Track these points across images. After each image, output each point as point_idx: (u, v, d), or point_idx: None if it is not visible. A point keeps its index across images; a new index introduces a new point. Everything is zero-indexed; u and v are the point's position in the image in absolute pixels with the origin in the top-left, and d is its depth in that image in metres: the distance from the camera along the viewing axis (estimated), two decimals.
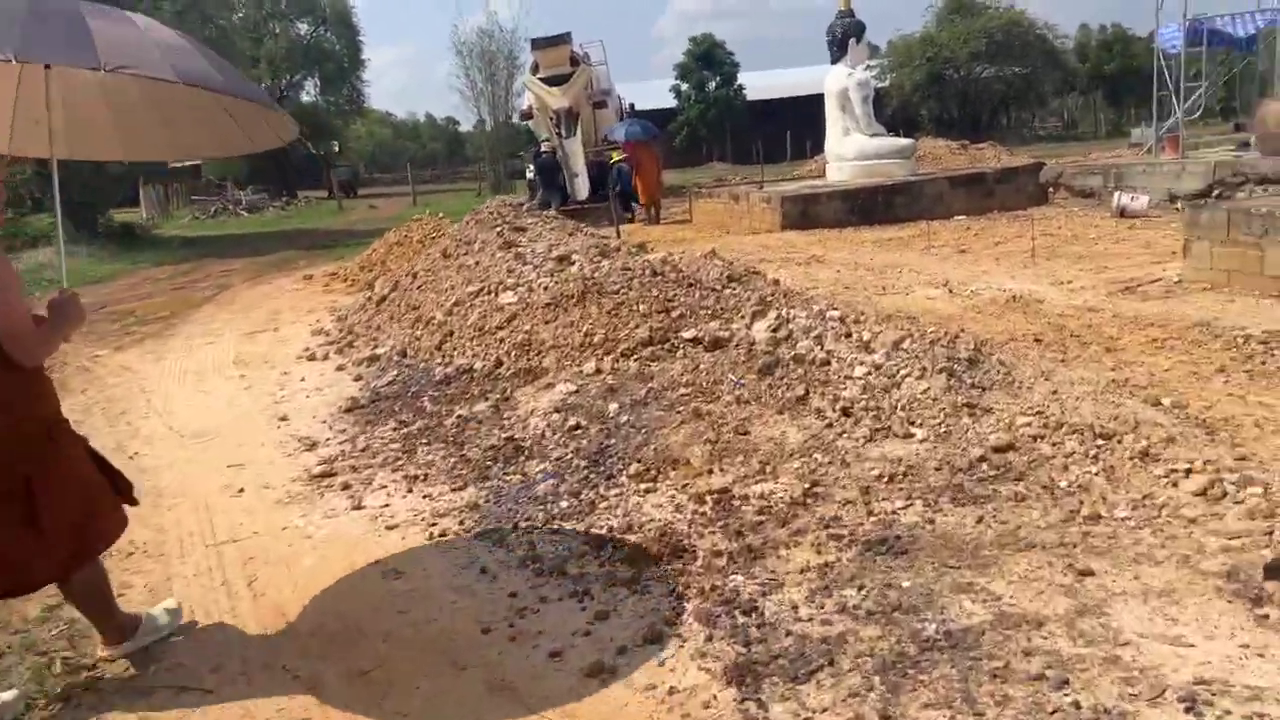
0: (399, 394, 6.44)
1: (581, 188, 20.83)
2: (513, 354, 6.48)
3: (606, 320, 6.37)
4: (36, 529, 2.84)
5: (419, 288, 8.77)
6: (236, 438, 5.96)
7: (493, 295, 7.50)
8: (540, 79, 22.87)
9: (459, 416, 5.61)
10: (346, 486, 4.75)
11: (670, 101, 47.21)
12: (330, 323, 9.85)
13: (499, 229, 9.31)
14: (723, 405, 5.01)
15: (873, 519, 3.61)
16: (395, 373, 7.03)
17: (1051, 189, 16.09)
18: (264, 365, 8.27)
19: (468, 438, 5.27)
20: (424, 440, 5.35)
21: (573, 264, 7.70)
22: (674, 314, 6.35)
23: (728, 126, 45.78)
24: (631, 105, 33.86)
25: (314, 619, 3.47)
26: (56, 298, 3.02)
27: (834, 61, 16.50)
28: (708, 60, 45.84)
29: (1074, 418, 4.17)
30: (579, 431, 5.02)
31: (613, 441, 4.79)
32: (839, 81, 16.20)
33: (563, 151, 22.38)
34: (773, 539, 3.58)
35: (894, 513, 3.63)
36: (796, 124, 37.36)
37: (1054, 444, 3.99)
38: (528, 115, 25.11)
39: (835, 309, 6.08)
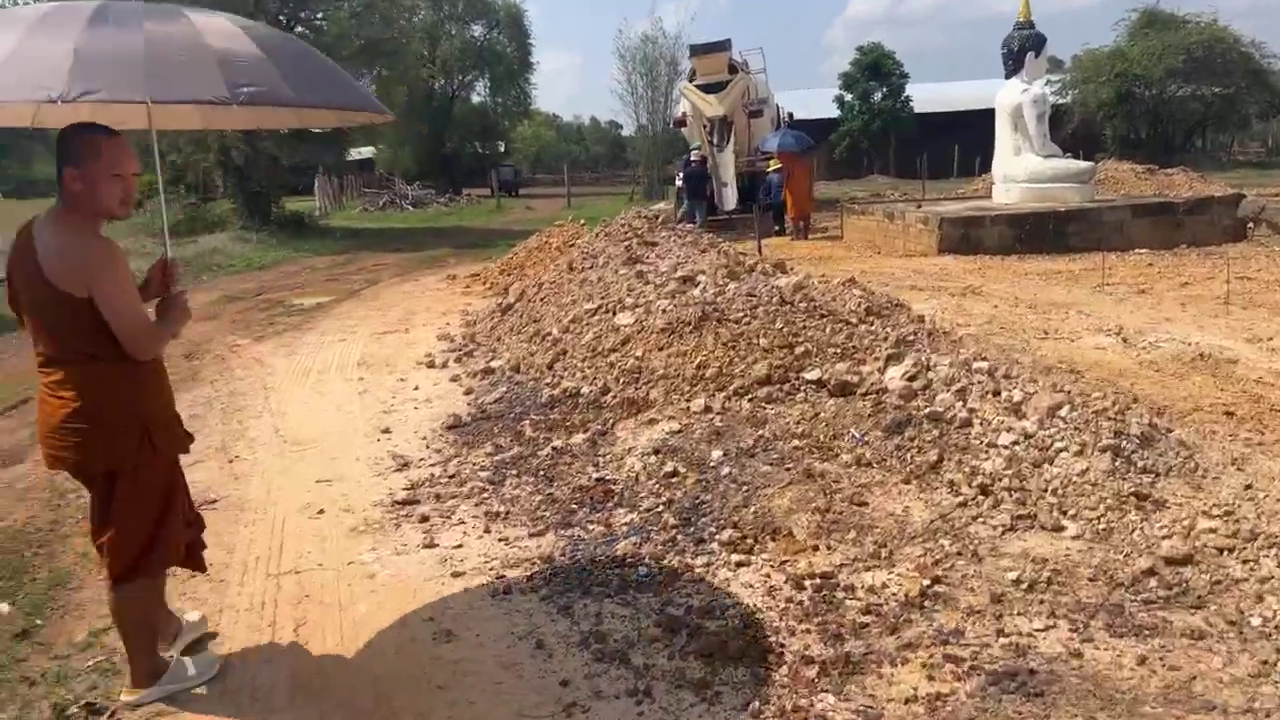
0: (503, 414, 6.13)
1: (729, 198, 20.32)
2: (620, 381, 6.05)
3: (723, 352, 5.85)
4: (105, 525, 2.89)
5: (542, 299, 8.49)
6: (335, 448, 5.77)
7: (610, 315, 7.11)
8: (697, 86, 22.51)
9: (554, 448, 5.21)
10: (425, 519, 4.43)
11: (833, 111, 45.92)
12: (458, 328, 9.73)
13: (627, 243, 8.92)
14: (840, 465, 4.41)
15: (1003, 640, 2.96)
16: (504, 389, 6.74)
17: (1251, 224, 14.41)
18: (385, 369, 8.16)
19: (559, 473, 4.87)
20: (514, 471, 4.98)
21: (696, 286, 7.22)
22: (798, 350, 5.76)
23: (892, 139, 44.10)
24: (790, 115, 33.06)
25: (348, 684, 3.13)
26: (167, 298, 3.06)
27: (1009, 75, 15.34)
28: (875, 70, 44.23)
29: (1274, 526, 3.37)
30: (675, 480, 4.53)
31: (709, 497, 4.27)
32: (1012, 97, 15.04)
33: (713, 160, 21.95)
34: (877, 650, 2.98)
35: (1031, 635, 2.97)
36: (966, 140, 35.50)
37: (1246, 562, 3.22)
38: (681, 123, 24.80)
39: (984, 358, 5.35)
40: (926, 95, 45.32)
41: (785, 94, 52.39)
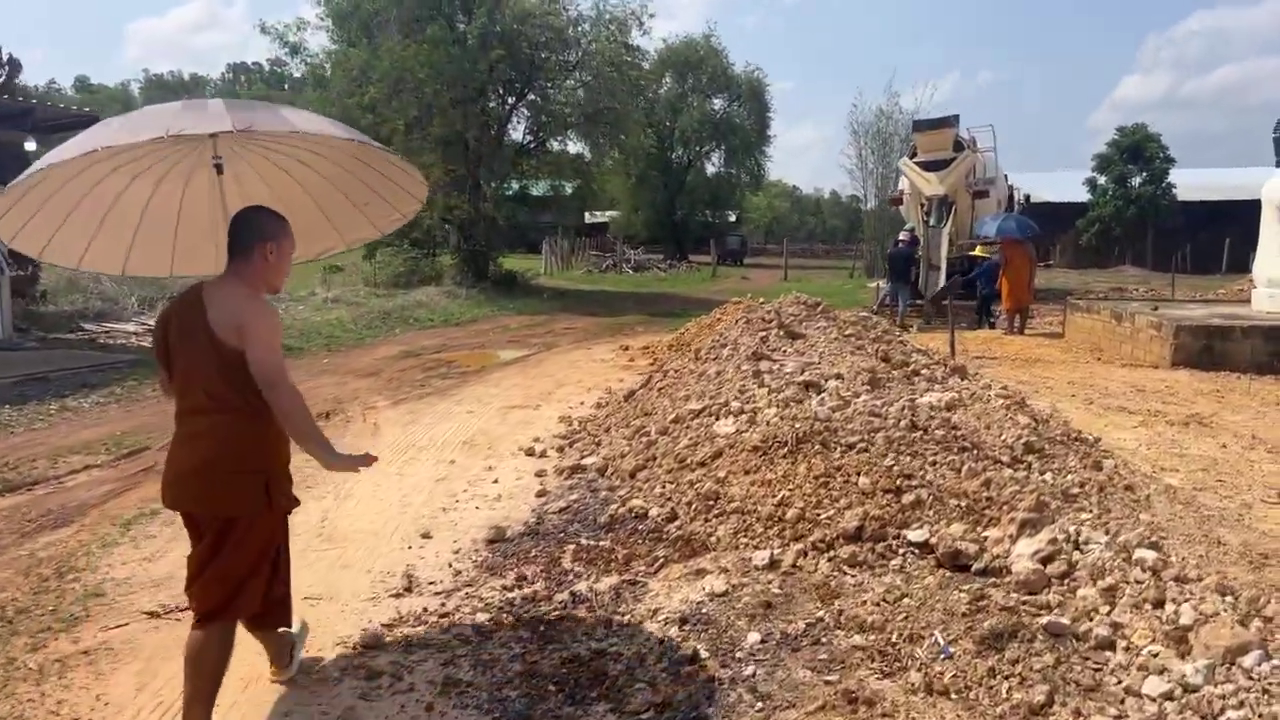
0: (554, 531, 5.25)
1: (934, 283, 18.67)
2: (692, 508, 5.02)
3: (812, 488, 4.69)
4: (211, 565, 3.04)
5: (659, 391, 7.61)
6: (358, 552, 5.12)
7: (712, 420, 6.10)
8: (917, 163, 21.08)
9: (573, 593, 4.27)
10: (373, 676, 3.60)
11: (1082, 195, 42.22)
12: (588, 409, 9.02)
13: (765, 332, 7.88)
14: (902, 687, 3.17)
15: None
16: (578, 495, 5.88)
17: None
18: (485, 451, 7.55)
19: (561, 632, 3.91)
20: (514, 618, 4.07)
21: (818, 394, 6.07)
22: (906, 498, 4.51)
23: (1150, 228, 39.87)
24: (1027, 197, 30.69)
25: None
26: (356, 456, 3.14)
27: (1279, 164, 12.98)
28: (1135, 153, 40.17)
29: None
30: (688, 670, 3.45)
31: (711, 711, 3.17)
32: None
33: (925, 241, 20.34)
34: None
35: None
36: (1238, 232, 31.42)
37: None
38: (898, 200, 23.33)
39: (1156, 540, 3.89)
40: (1194, 181, 40.76)
41: (1032, 175, 49.13)
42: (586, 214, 75.22)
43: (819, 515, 4.48)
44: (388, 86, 24.59)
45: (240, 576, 3.08)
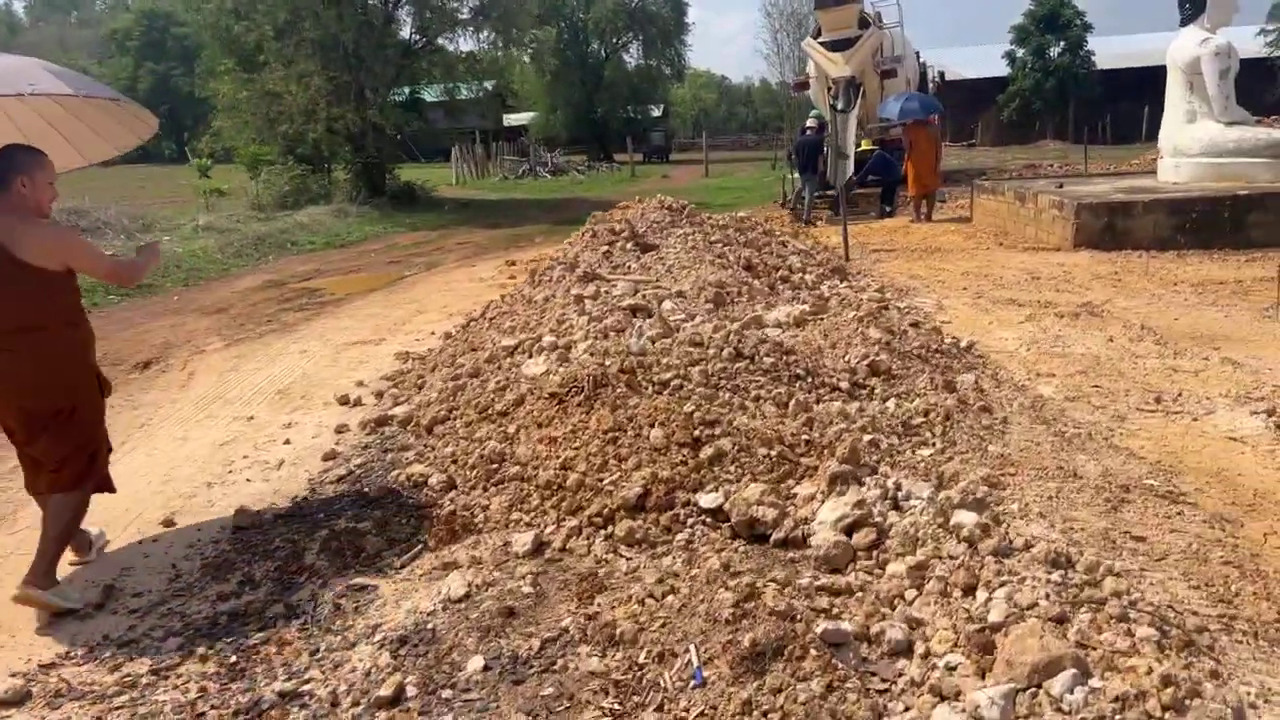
0: (315, 510, 4.40)
1: (843, 173, 17.82)
2: (474, 474, 4.18)
3: (599, 445, 3.88)
4: (68, 445, 3.76)
5: (489, 321, 6.71)
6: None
7: (525, 357, 5.24)
8: (821, 43, 19.92)
9: (288, 604, 3.44)
10: None
11: (1002, 69, 41.24)
12: (435, 342, 8.10)
13: (608, 246, 6.98)
14: None
15: None
16: (363, 459, 5.02)
17: None
18: (296, 402, 6.63)
19: (252, 665, 3.09)
20: (202, 652, 3.22)
21: (649, 317, 5.24)
22: (705, 451, 3.73)
23: (1072, 100, 39.12)
24: (941, 75, 29.66)
25: None
26: (144, 245, 4.48)
27: (1184, 23, 12.16)
28: (1051, 22, 39.05)
29: None
30: (392, 713, 2.67)
31: None
32: (1188, 49, 11.89)
33: (834, 128, 19.35)
34: None
35: None
36: (1160, 100, 30.96)
37: None
38: (803, 85, 22.28)
39: (983, 494, 3.16)
40: (1116, 49, 39.99)
41: (950, 51, 47.92)
42: (505, 117, 72.83)
43: (601, 480, 3.68)
44: None
45: (91, 449, 3.87)
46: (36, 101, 4.04)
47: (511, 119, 70.81)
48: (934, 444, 3.98)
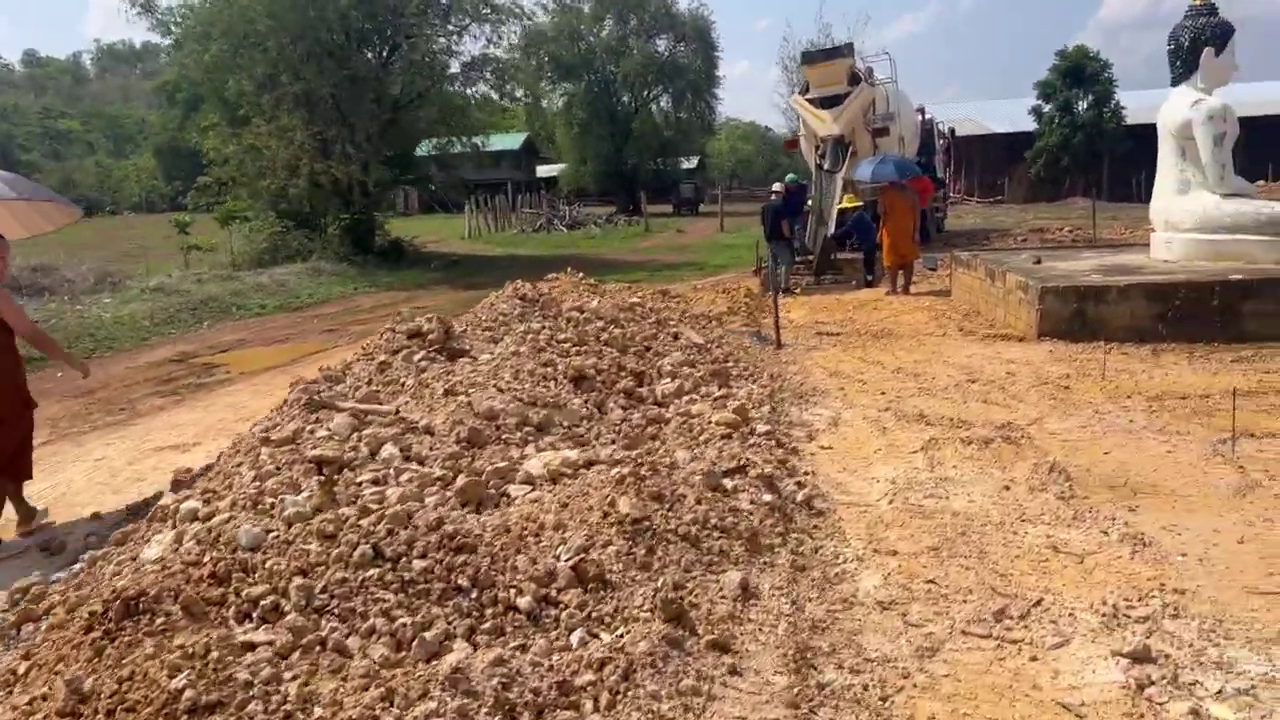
0: None
1: (819, 235, 16.57)
2: None
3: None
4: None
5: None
6: None
7: (164, 529, 4.00)
8: (809, 100, 18.77)
9: None
10: None
11: (1030, 124, 39.59)
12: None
13: (396, 355, 5.75)
14: None
15: None
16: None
17: None
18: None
19: None
20: None
21: (344, 470, 3.99)
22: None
23: (1105, 156, 37.28)
24: (952, 131, 28.21)
25: None
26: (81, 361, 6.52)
27: (1175, 82, 10.72)
28: (1076, 75, 37.32)
29: None
30: None
31: None
32: (1178, 112, 10.44)
33: (818, 190, 18.10)
34: None
35: None
36: None
37: None
38: (793, 144, 21.03)
39: None
40: (1147, 104, 38.10)
41: (980, 104, 46.42)
42: (538, 169, 72.78)
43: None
44: (231, 42, 22.06)
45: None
46: None
47: (544, 170, 70.87)
48: None
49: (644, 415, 5.70)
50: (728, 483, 4.69)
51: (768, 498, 4.59)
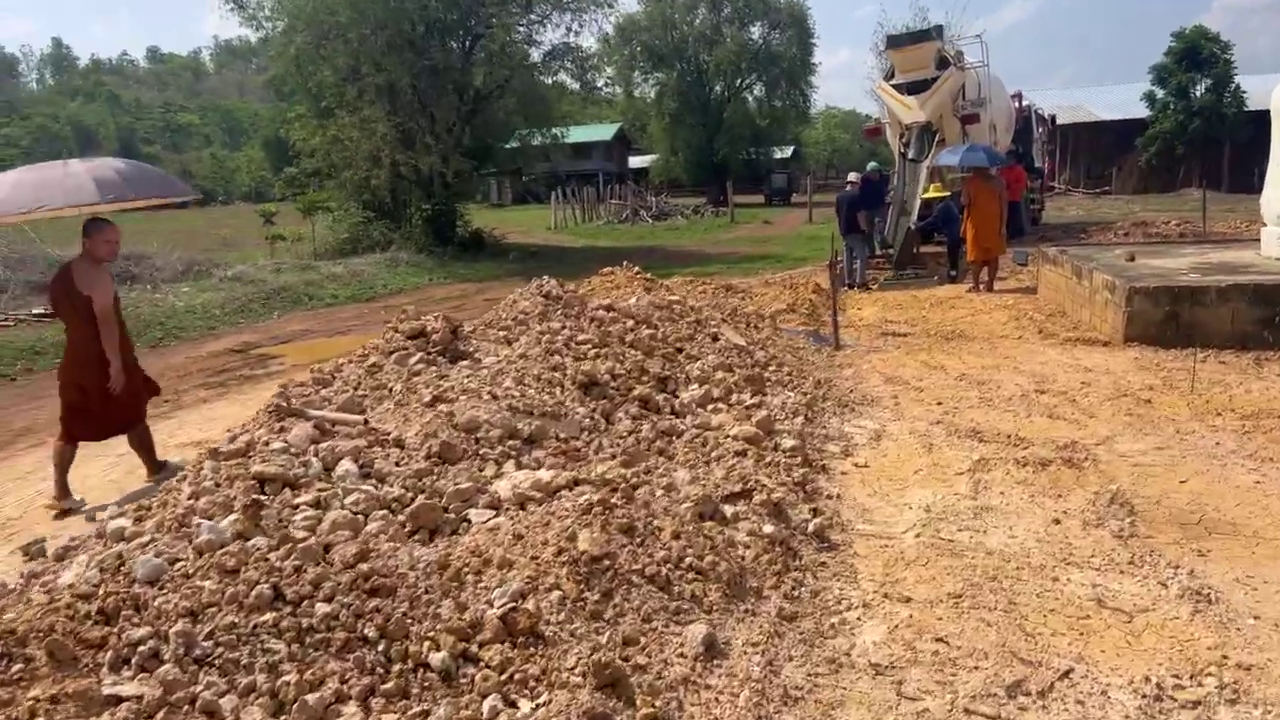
0: None
1: (901, 227, 15.70)
2: None
3: None
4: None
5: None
6: None
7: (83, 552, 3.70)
8: (895, 86, 17.84)
9: None
10: None
11: (1142, 111, 37.17)
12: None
13: (390, 356, 5.39)
14: None
15: None
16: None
17: None
18: None
19: None
20: None
21: (288, 489, 3.64)
22: None
23: (1225, 144, 34.73)
24: (1052, 118, 26.68)
25: None
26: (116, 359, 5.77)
27: None
28: (1193, 58, 34.72)
29: None
30: None
31: None
32: None
33: (901, 179, 17.19)
34: None
35: None
36: None
37: None
38: (875, 131, 20.11)
39: None
40: (1271, 88, 35.48)
41: (1087, 91, 44.00)
42: (630, 159, 72.57)
43: None
44: (314, 34, 22.31)
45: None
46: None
47: (636, 161, 70.61)
48: None
49: (655, 427, 5.21)
50: (728, 509, 4.18)
51: (769, 529, 4.05)
